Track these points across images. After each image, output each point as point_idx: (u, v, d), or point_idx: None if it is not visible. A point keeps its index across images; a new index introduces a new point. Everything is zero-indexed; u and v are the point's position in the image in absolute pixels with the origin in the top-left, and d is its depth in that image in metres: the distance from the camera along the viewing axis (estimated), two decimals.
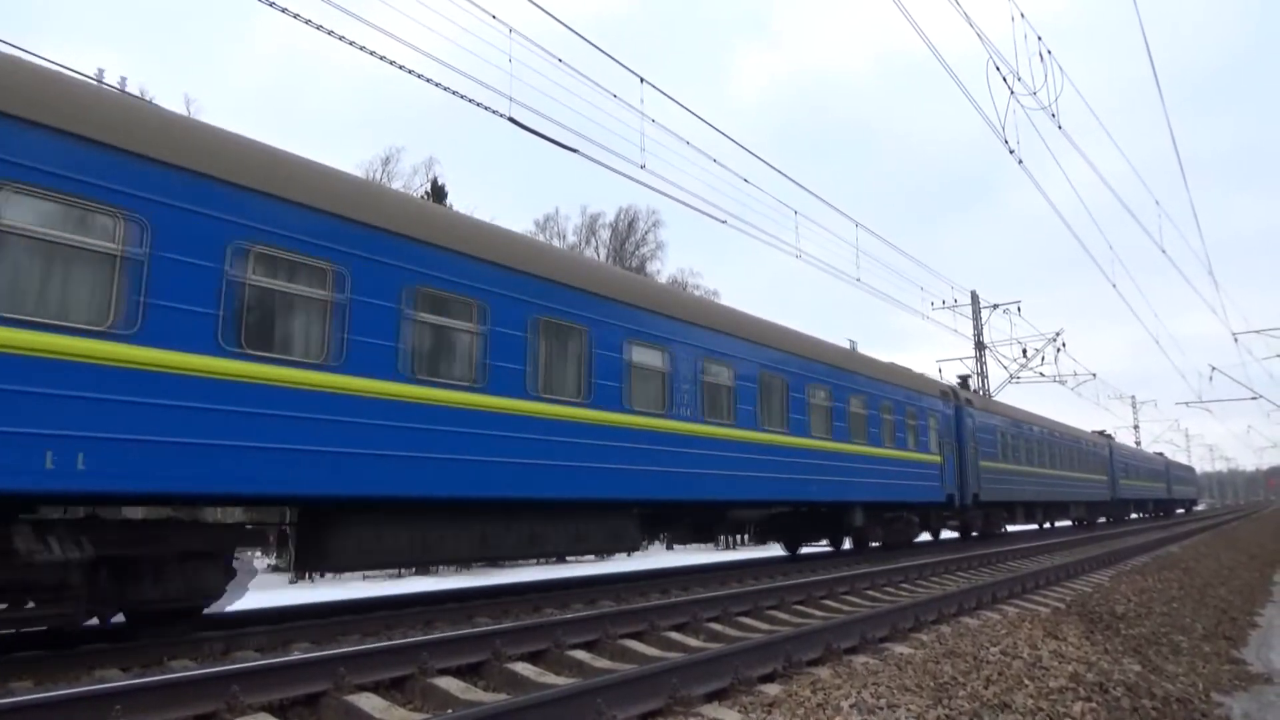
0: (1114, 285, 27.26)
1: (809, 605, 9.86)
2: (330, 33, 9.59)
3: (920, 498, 19.13)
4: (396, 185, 35.48)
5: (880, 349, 22.89)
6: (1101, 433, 41.51)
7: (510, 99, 10.90)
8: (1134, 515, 48.87)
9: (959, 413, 21.80)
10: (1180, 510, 65.23)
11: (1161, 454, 56.84)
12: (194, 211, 6.86)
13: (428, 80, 10.50)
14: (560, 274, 10.38)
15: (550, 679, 5.85)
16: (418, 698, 5.57)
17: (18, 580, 6.11)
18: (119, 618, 7.49)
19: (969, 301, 37.07)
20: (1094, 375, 42.11)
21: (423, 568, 17.65)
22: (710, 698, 5.22)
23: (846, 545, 19.10)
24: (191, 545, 7.22)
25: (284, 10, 8.92)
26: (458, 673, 5.99)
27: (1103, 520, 41.38)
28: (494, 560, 17.79)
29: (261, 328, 7.29)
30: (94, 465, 6.06)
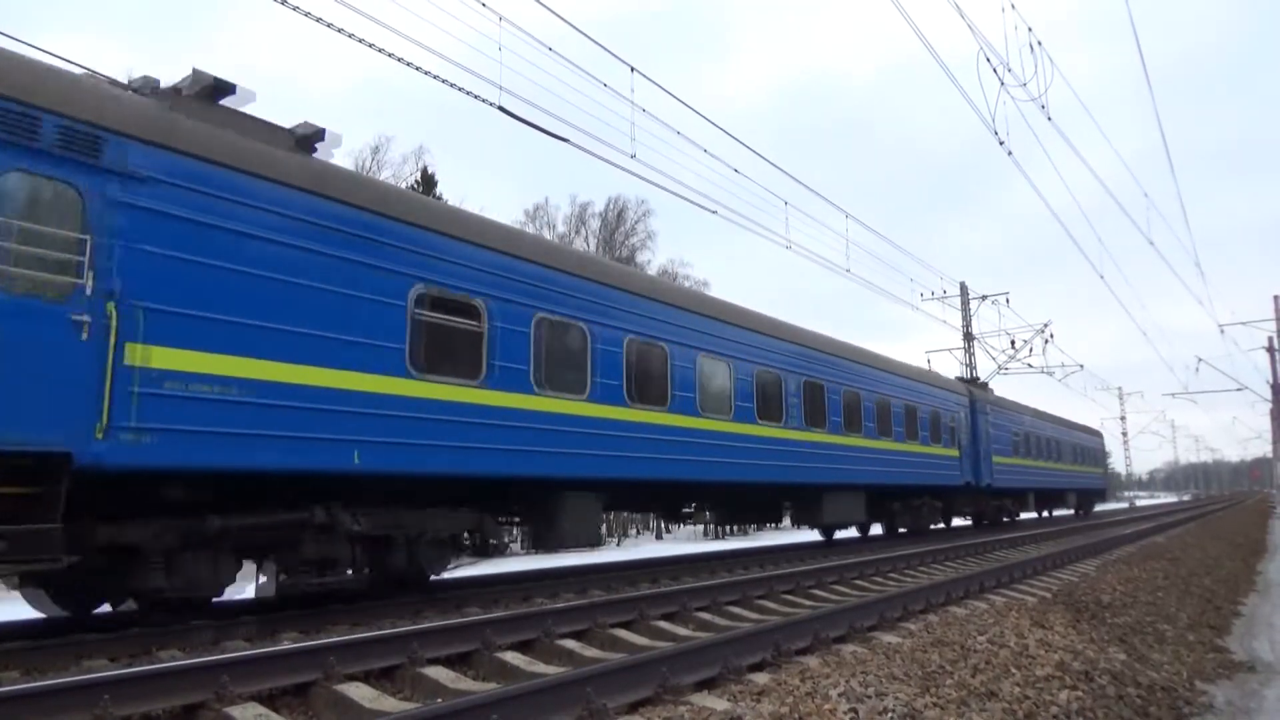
0: (1102, 277, 27.37)
1: (797, 595, 9.91)
2: (319, 20, 9.50)
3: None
4: (386, 174, 35.20)
5: (870, 341, 22.66)
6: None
7: (500, 87, 10.82)
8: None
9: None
10: (1043, 513, 35.95)
11: (979, 379, 30.69)
12: None
13: (417, 68, 10.41)
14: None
15: (540, 668, 5.87)
16: (408, 687, 5.57)
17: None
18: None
19: (958, 293, 37.18)
20: (1081, 366, 42.05)
21: None
22: (700, 686, 5.24)
23: None
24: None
25: None
26: (448, 662, 5.99)
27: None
28: None
29: None
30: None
